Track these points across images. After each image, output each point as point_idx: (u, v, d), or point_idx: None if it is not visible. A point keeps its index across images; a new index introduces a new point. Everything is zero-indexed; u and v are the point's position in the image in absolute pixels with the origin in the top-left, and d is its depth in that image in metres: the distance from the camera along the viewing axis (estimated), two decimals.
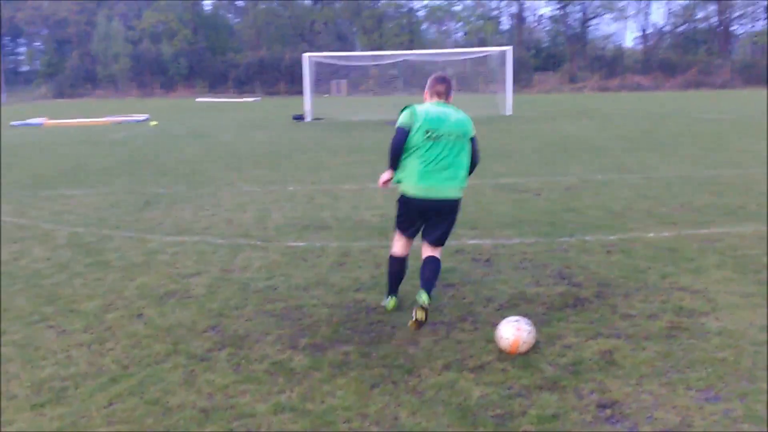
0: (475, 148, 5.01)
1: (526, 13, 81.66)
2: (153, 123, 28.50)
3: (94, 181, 12.49)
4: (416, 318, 4.59)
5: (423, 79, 5.74)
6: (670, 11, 76.72)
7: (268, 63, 70.58)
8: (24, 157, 16.77)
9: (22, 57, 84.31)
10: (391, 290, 5.31)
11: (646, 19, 78.84)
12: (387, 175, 5.05)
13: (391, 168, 5.01)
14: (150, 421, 3.63)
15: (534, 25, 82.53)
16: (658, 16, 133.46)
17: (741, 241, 7.09)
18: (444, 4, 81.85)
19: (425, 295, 4.66)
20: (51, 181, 12.67)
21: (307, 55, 30.72)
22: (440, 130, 4.81)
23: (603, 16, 77.52)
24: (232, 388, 3.99)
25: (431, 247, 5.10)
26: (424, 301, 4.62)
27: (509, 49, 31.13)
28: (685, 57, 67.85)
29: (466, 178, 4.99)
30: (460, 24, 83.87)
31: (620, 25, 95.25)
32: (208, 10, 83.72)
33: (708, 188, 10.26)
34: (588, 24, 77.53)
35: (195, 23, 77.94)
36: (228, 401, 3.83)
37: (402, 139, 4.85)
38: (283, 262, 6.70)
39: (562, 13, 78.06)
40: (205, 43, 76.24)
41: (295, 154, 16.43)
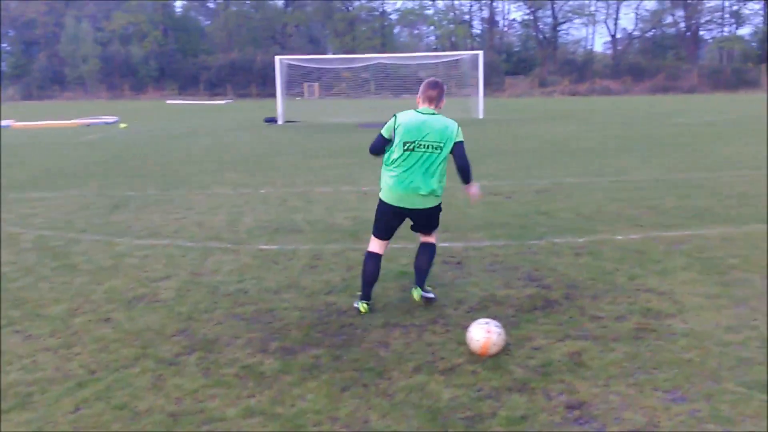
0: (460, 153, 5.14)
1: (498, 18, 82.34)
2: (123, 125, 28.22)
3: (63, 184, 12.32)
4: (415, 298, 5.35)
5: (395, 82, 5.79)
6: (638, 16, 77.91)
7: (240, 65, 70.27)
8: None
9: None
10: (364, 294, 5.31)
11: (616, 24, 79.93)
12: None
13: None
14: (117, 426, 3.59)
15: (505, 29, 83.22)
16: (627, 21, 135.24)
17: (707, 242, 7.20)
18: (416, 7, 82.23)
19: (417, 293, 5.31)
20: (19, 184, 12.47)
21: (279, 58, 30.66)
22: (417, 142, 5.03)
23: (573, 20, 78.50)
24: (202, 392, 3.95)
25: (424, 235, 5.49)
26: (416, 299, 5.31)
27: (480, 53, 31.40)
28: (653, 62, 68.93)
29: (439, 188, 5.17)
30: (432, 28, 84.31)
31: (590, 30, 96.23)
32: (179, 11, 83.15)
33: (676, 191, 10.42)
34: (558, 28, 78.38)
35: (165, 25, 77.34)
36: (197, 405, 3.79)
37: (378, 145, 5.22)
38: (254, 265, 6.67)
39: (533, 18, 78.83)
40: (175, 45, 75.68)
41: (268, 156, 16.36)
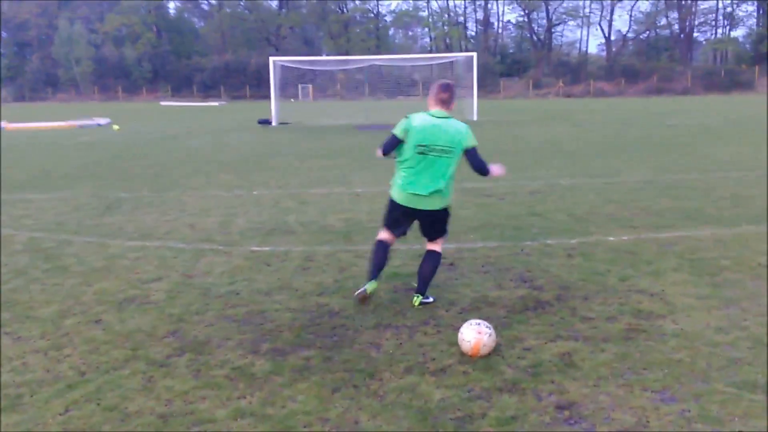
0: (475, 160, 5.27)
1: (492, 19, 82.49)
2: (115, 127, 28.15)
3: (56, 186, 12.29)
4: (414, 304, 5.37)
5: (389, 84, 5.83)
6: (632, 18, 78.17)
7: (234, 67, 70.23)
8: None
9: None
10: (373, 274, 5.35)
11: (610, 26, 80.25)
12: (378, 153, 5.44)
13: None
14: (107, 428, 3.58)
15: (500, 31, 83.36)
16: (622, 23, 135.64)
17: (699, 244, 7.22)
18: (411, 9, 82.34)
19: (417, 300, 5.35)
20: (11, 185, 12.43)
21: (273, 59, 30.64)
22: (429, 146, 5.13)
23: (567, 22, 78.74)
24: (192, 393, 3.95)
25: (429, 242, 5.53)
26: (415, 305, 5.33)
27: (474, 54, 31.46)
28: (647, 63, 69.16)
29: (446, 189, 5.24)
30: (426, 29, 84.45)
31: (584, 32, 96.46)
32: (173, 13, 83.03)
33: (669, 192, 10.45)
34: (553, 30, 78.59)
35: (159, 27, 77.27)
36: (187, 407, 3.79)
37: (391, 144, 5.28)
38: (246, 266, 6.66)
39: (527, 20, 79.00)
40: (169, 47, 75.56)
41: (262, 158, 16.34)
